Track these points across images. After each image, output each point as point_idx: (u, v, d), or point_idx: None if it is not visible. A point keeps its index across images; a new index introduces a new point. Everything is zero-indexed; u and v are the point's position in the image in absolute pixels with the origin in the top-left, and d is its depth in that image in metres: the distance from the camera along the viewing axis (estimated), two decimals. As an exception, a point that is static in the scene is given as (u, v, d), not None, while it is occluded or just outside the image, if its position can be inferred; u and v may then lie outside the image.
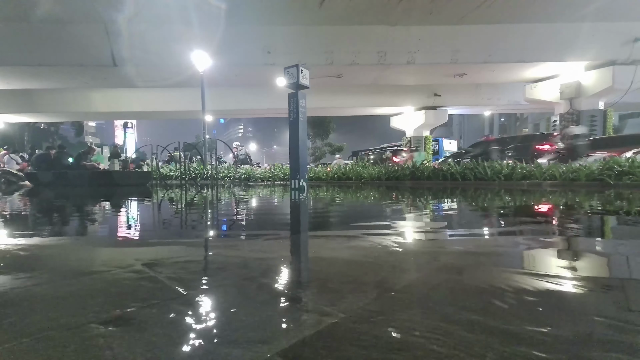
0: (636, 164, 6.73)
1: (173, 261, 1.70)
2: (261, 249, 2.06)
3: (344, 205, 5.12)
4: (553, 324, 0.96)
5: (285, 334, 0.90)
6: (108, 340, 0.88)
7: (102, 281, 1.39)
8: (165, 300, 1.15)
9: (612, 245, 2.18)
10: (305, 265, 1.69)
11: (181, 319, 1.00)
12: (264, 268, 1.55)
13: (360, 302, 1.13)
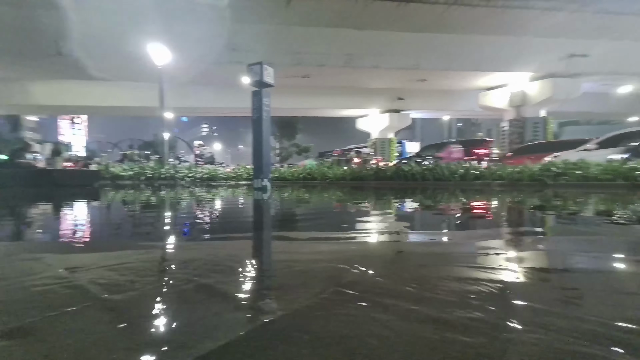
0: (570, 166, 7.49)
1: (100, 266, 1.56)
2: (207, 250, 1.97)
3: (307, 205, 5.12)
4: (483, 311, 1.01)
5: (211, 336, 0.85)
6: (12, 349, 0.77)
7: (19, 290, 1.23)
8: (82, 306, 1.04)
9: (544, 239, 2.38)
10: (250, 266, 1.64)
11: (100, 326, 0.91)
12: (206, 269, 1.48)
13: (302, 299, 1.11)
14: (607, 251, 1.94)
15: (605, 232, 2.59)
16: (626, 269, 1.63)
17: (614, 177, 6.57)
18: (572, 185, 6.93)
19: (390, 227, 2.82)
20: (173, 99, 15.16)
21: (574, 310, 1.03)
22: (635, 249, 2.03)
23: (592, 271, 1.54)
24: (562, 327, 0.90)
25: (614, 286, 1.31)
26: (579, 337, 0.84)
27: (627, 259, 1.79)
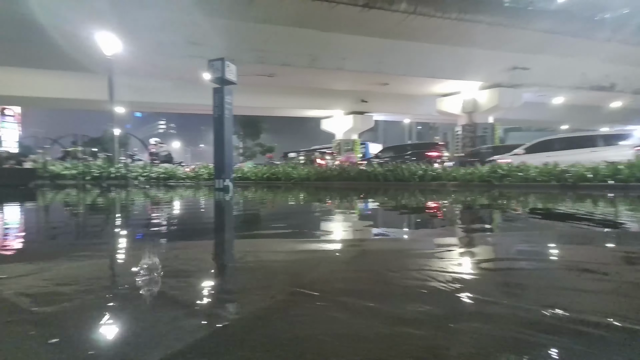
0: (513, 168, 8.26)
1: (28, 275, 1.40)
2: (161, 256, 1.85)
3: (269, 206, 5.04)
4: (433, 304, 1.06)
5: (160, 346, 0.80)
6: None
7: None
8: (6, 321, 0.92)
9: (487, 235, 2.59)
10: (204, 269, 1.57)
11: (27, 342, 0.81)
12: (158, 275, 1.39)
13: (259, 302, 1.09)
14: (539, 245, 2.16)
15: (539, 227, 2.89)
16: (555, 260, 1.83)
17: (549, 179, 7.36)
18: (515, 185, 7.63)
19: (351, 227, 2.88)
20: (126, 92, 14.04)
21: (512, 299, 1.13)
22: (560, 242, 2.29)
23: (526, 263, 1.71)
24: (501, 316, 0.99)
25: (545, 276, 1.46)
26: (516, 324, 0.93)
27: (554, 252, 2.01)
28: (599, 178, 6.66)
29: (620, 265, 1.69)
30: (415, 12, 11.99)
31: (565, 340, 0.82)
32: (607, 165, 6.93)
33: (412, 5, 11.85)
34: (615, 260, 1.79)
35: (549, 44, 14.10)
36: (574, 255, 1.90)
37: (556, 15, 13.69)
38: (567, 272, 1.53)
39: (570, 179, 6.90)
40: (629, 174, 6.39)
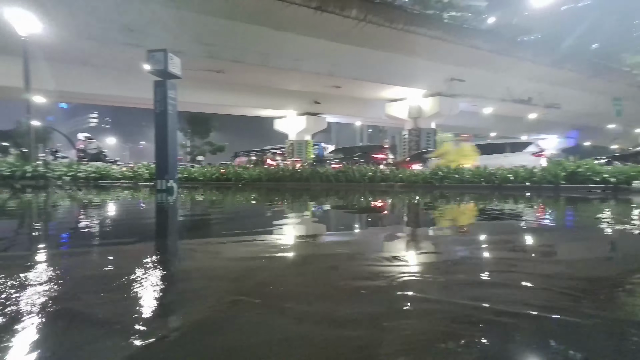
0: (451, 171, 9.05)
1: None
2: (80, 265, 1.64)
3: (216, 208, 4.82)
4: (371, 304, 1.09)
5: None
6: None
7: None
8: None
9: (427, 235, 2.79)
10: (134, 282, 1.43)
11: None
12: (79, 289, 1.22)
13: (198, 312, 1.01)
14: (472, 242, 2.39)
15: (473, 225, 3.19)
16: (486, 257, 2.03)
17: (480, 180, 8.21)
18: (453, 186, 8.37)
19: (298, 228, 2.87)
20: (48, 80, 12.27)
21: (445, 295, 1.22)
22: (489, 236, 2.56)
23: (458, 259, 1.87)
24: (435, 312, 1.05)
25: (475, 271, 1.61)
26: (448, 319, 1.00)
27: (485, 247, 2.23)
28: (519, 180, 7.62)
29: (532, 257, 1.93)
30: (365, 19, 12.47)
31: (489, 332, 0.90)
32: (525, 169, 7.99)
33: (362, 13, 12.31)
34: (530, 252, 2.05)
35: (480, 60, 15.78)
36: (501, 249, 2.13)
37: (485, 34, 15.38)
38: (495, 266, 1.70)
39: (497, 181, 7.79)
40: (541, 177, 7.43)
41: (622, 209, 4.38)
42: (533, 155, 9.47)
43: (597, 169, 7.10)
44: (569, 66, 18.35)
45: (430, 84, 16.64)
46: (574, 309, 1.07)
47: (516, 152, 10.01)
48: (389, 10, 12.96)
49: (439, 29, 14.08)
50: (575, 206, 4.95)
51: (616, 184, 6.47)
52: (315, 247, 2.19)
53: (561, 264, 1.81)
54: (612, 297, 1.24)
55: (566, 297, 1.21)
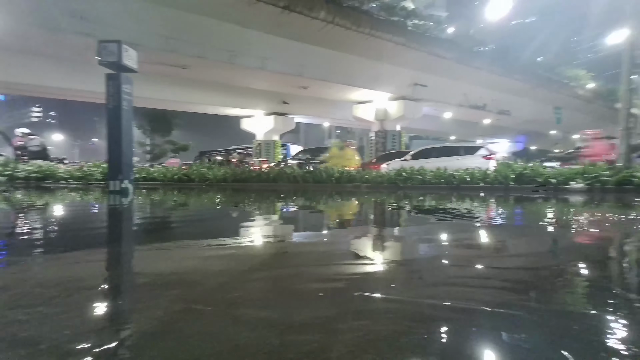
0: (414, 172, 9.44)
1: None
2: (12, 276, 1.47)
3: (174, 210, 4.59)
4: (325, 307, 1.09)
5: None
6: None
7: None
8: None
9: (388, 235, 2.87)
10: (77, 293, 1.31)
11: None
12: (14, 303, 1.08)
13: (143, 324, 0.94)
14: (429, 242, 2.49)
15: (431, 225, 3.34)
16: (441, 254, 2.13)
17: (440, 181, 8.65)
18: (416, 187, 8.74)
19: (258, 230, 2.81)
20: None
21: (396, 294, 1.25)
22: (449, 237, 2.69)
23: (415, 258, 1.94)
24: (385, 311, 1.08)
25: (433, 270, 1.68)
26: (401, 318, 1.02)
27: (446, 246, 2.34)
28: (474, 181, 8.15)
29: (484, 254, 2.06)
30: (333, 22, 12.61)
31: (440, 328, 0.94)
32: (480, 171, 8.56)
33: (330, 15, 12.44)
34: (484, 249, 2.19)
35: (440, 67, 16.67)
36: (456, 247, 2.25)
37: (445, 43, 16.27)
38: (449, 263, 1.79)
39: (455, 182, 8.26)
40: (494, 178, 8.01)
41: (561, 207, 4.84)
42: (484, 158, 10.21)
43: (540, 171, 7.80)
44: (518, 76, 20.03)
45: (396, 88, 17.24)
46: (516, 303, 1.15)
47: (469, 154, 10.70)
48: (356, 15, 13.23)
49: (403, 35, 14.65)
50: (522, 205, 5.39)
51: (556, 184, 7.16)
52: (274, 249, 2.15)
53: (506, 260, 1.95)
54: (551, 290, 1.36)
55: (509, 291, 1.30)
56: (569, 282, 1.49)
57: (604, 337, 0.90)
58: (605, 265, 1.82)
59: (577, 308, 1.16)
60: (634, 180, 6.34)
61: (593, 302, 1.19)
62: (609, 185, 6.50)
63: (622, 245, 2.38)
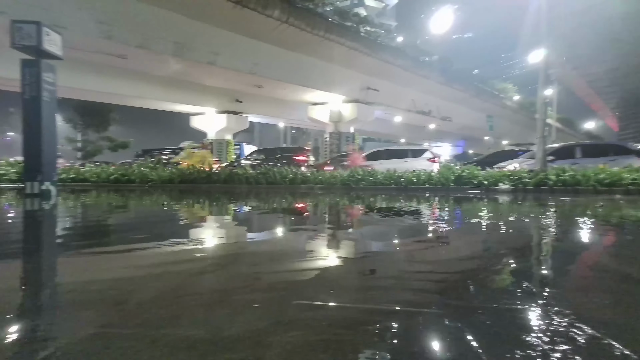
0: (366, 173, 9.78)
1: None
2: None
3: (102, 215, 4.13)
4: (257, 318, 1.04)
5: None
6: None
7: None
8: None
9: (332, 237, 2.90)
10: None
11: None
12: None
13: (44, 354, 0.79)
14: (369, 244, 2.56)
15: (380, 226, 3.46)
16: (382, 256, 2.20)
17: (390, 183, 9.08)
18: (368, 188, 9.05)
19: (194, 238, 2.65)
20: None
21: (334, 300, 1.24)
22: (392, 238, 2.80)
23: (355, 261, 1.97)
24: (321, 319, 1.06)
25: (368, 272, 1.71)
26: (332, 326, 1.01)
27: (388, 250, 2.42)
28: (420, 182, 8.71)
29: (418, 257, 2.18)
30: (287, 22, 12.53)
31: (371, 334, 0.94)
32: (425, 173, 9.16)
33: (284, 15, 12.33)
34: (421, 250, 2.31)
35: (391, 73, 17.56)
36: (396, 248, 2.34)
37: (395, 51, 17.19)
38: (385, 265, 1.84)
39: (404, 183, 8.73)
40: (437, 180, 8.64)
41: (493, 206, 5.38)
42: (429, 161, 11.01)
43: (475, 173, 8.60)
44: (457, 86, 21.97)
45: (349, 91, 17.72)
46: (441, 302, 1.22)
47: (416, 157, 11.45)
48: (311, 16, 13.32)
49: (356, 40, 15.11)
50: (460, 204, 5.88)
51: (488, 185, 7.97)
52: (212, 257, 2.03)
53: (444, 259, 2.08)
54: (475, 287, 1.47)
55: (435, 290, 1.38)
56: (492, 279, 1.63)
57: (519, 330, 0.99)
58: (525, 257, 2.05)
59: (493, 304, 1.26)
60: (548, 182, 7.32)
61: (512, 297, 1.31)
62: (529, 186, 7.42)
63: (536, 239, 2.70)
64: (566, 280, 1.60)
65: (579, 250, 2.31)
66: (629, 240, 2.76)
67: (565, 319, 1.03)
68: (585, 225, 3.26)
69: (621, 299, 1.28)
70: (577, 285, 1.52)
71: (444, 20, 15.64)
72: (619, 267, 1.82)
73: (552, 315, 1.06)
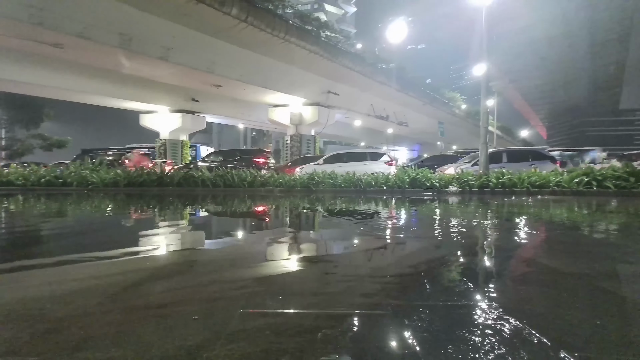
0: (326, 175, 9.85)
1: None
2: None
3: (18, 224, 3.64)
4: (199, 333, 0.95)
5: None
6: None
7: None
8: None
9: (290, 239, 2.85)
10: None
11: None
12: None
13: None
14: (320, 248, 2.56)
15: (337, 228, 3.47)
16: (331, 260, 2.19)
17: (350, 185, 9.24)
18: (328, 191, 9.12)
19: (136, 246, 2.44)
20: None
21: (281, 307, 1.19)
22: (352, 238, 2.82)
23: (303, 266, 1.94)
24: (265, 328, 1.00)
25: (315, 277, 1.68)
26: (275, 334, 0.95)
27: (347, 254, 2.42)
28: (378, 184, 9.00)
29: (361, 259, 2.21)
30: (247, 21, 12.24)
31: (312, 341, 0.91)
32: (383, 175, 9.50)
33: (243, 14, 12.03)
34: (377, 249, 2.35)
35: (350, 78, 18.01)
36: (346, 250, 2.35)
37: (354, 57, 17.66)
38: (336, 269, 1.83)
39: (362, 185, 8.95)
40: (394, 182, 9.00)
41: (443, 207, 5.73)
42: (386, 164, 11.47)
43: (428, 176, 9.12)
44: (412, 93, 23.23)
45: (310, 94, 17.81)
46: (380, 304, 1.23)
47: (374, 160, 11.85)
48: (271, 17, 13.16)
49: (316, 44, 15.25)
50: (415, 206, 6.17)
51: (439, 187, 8.50)
52: (151, 266, 1.87)
53: (395, 259, 2.13)
54: (418, 286, 1.51)
55: (380, 292, 1.39)
56: (437, 277, 1.69)
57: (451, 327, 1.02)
58: (465, 256, 2.18)
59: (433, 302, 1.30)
60: (490, 184, 8.02)
61: (454, 295, 1.36)
62: (474, 188, 8.05)
63: (473, 239, 2.90)
64: (499, 275, 1.72)
65: (512, 246, 2.52)
66: (557, 234, 3.09)
67: (494, 312, 1.10)
68: (521, 223, 3.60)
69: (545, 290, 1.40)
70: (510, 280, 1.64)
71: (400, 30, 16.49)
72: (548, 262, 2.02)
73: (483, 310, 1.12)
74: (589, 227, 3.36)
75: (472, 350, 0.85)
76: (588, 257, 2.02)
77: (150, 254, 2.11)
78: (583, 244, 2.53)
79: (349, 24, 47.64)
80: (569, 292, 1.38)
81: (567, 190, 7.02)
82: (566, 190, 7.02)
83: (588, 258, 1.99)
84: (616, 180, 6.82)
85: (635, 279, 1.62)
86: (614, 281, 1.55)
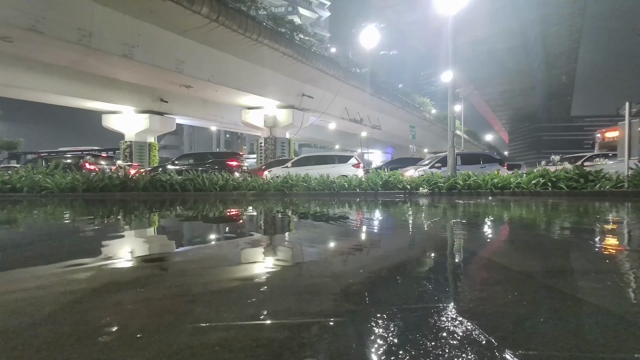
0: (300, 179, 9.79)
1: None
2: None
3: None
4: (145, 352, 0.87)
5: None
6: None
7: None
8: None
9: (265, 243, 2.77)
10: None
11: None
12: None
13: None
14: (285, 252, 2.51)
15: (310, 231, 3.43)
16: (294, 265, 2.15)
17: (324, 188, 9.24)
18: (301, 194, 9.05)
19: (82, 257, 2.26)
20: None
21: (235, 319, 1.13)
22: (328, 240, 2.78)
23: (264, 273, 1.89)
24: (214, 344, 0.94)
25: (281, 283, 1.63)
26: (226, 350, 0.89)
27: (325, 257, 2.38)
28: (352, 187, 9.07)
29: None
30: (217, 21, 11.96)
31: (264, 354, 0.86)
32: (356, 178, 9.60)
33: (214, 13, 11.74)
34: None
35: (324, 81, 18.13)
36: (312, 254, 2.32)
37: (328, 61, 17.80)
38: (299, 274, 1.79)
39: (336, 188, 8.98)
40: (366, 185, 9.12)
41: (415, 208, 5.87)
42: (354, 166, 11.70)
43: (400, 178, 9.34)
44: (384, 97, 23.81)
45: (284, 97, 17.71)
46: (338, 309, 1.21)
47: (342, 163, 12.02)
48: (243, 18, 12.95)
49: (290, 47, 15.20)
50: (388, 208, 6.28)
51: (410, 189, 8.73)
52: (87, 281, 1.73)
53: (364, 262, 2.12)
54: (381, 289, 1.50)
55: (340, 298, 1.37)
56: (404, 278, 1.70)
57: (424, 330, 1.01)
58: (427, 257, 2.22)
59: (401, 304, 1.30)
60: (457, 186, 8.36)
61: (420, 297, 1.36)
62: (443, 190, 8.36)
63: (433, 242, 2.99)
64: (456, 277, 1.76)
65: (470, 246, 2.61)
66: (517, 234, 3.26)
67: (448, 314, 1.11)
68: (484, 223, 3.76)
69: (498, 290, 1.45)
70: (467, 281, 1.69)
71: (372, 36, 16.89)
72: (501, 261, 2.10)
73: (438, 313, 1.13)
74: (545, 227, 3.58)
75: (423, 355, 0.84)
76: (539, 255, 2.14)
77: (98, 265, 1.94)
78: (537, 243, 2.67)
79: (322, 28, 48.09)
80: (518, 290, 1.43)
81: (525, 191, 7.48)
82: (525, 191, 7.47)
83: (539, 257, 2.10)
84: (568, 182, 7.36)
85: (580, 276, 1.72)
86: (559, 279, 1.63)
